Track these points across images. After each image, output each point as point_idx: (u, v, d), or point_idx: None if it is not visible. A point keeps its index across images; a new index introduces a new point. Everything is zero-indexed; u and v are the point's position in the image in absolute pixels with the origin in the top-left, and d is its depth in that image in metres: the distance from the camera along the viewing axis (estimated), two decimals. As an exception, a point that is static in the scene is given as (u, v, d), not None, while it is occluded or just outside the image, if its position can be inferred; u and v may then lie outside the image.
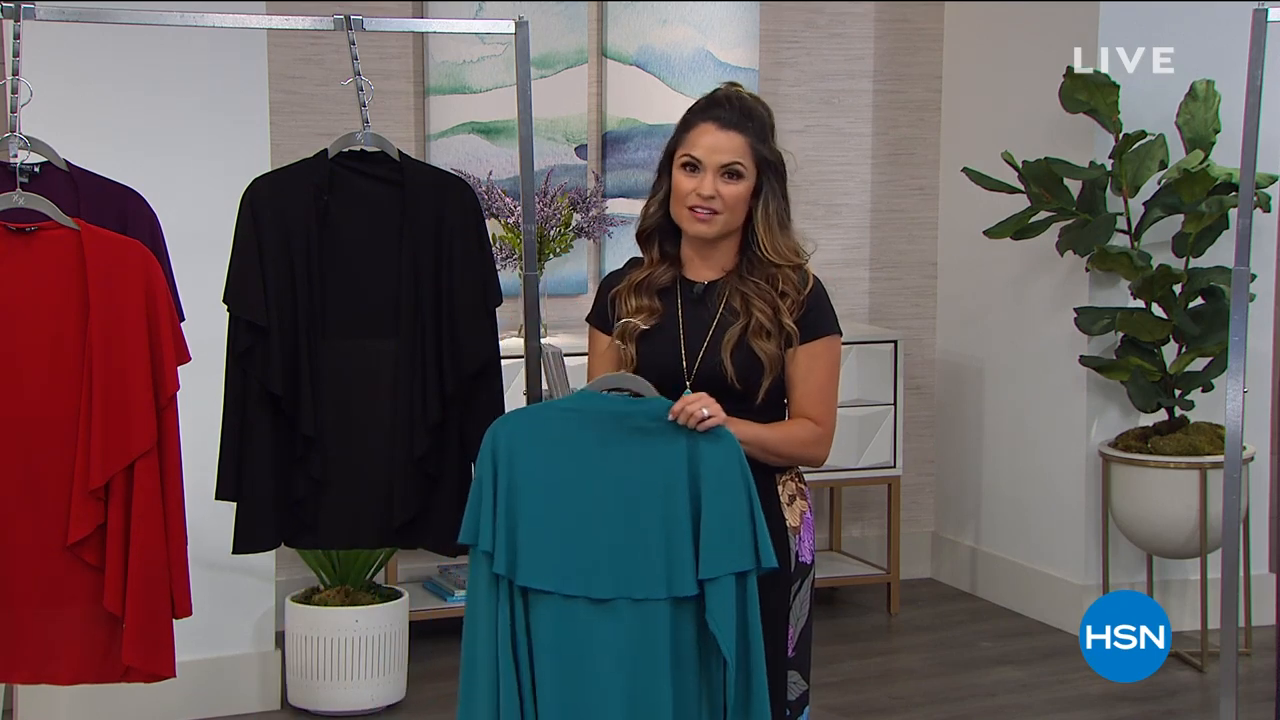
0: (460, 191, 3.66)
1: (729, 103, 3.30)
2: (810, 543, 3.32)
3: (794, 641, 3.26)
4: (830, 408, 3.28)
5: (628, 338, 3.33)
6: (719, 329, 3.26)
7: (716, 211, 3.27)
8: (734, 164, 3.26)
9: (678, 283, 3.34)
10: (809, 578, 3.32)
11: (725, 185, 3.26)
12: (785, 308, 3.25)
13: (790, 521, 3.28)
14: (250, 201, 3.60)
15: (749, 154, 3.27)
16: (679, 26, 6.16)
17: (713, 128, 3.28)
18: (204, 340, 3.65)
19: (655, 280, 3.35)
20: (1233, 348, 3.72)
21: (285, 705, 5.14)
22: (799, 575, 3.29)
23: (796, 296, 3.26)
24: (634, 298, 3.35)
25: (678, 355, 3.27)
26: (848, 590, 6.41)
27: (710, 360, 3.24)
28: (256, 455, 3.59)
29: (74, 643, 3.41)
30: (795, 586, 3.28)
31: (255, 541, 3.64)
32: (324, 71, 5.80)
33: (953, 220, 6.55)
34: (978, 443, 6.47)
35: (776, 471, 3.28)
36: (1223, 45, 5.56)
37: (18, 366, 3.35)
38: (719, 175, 3.26)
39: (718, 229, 3.29)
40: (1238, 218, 3.70)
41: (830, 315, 3.32)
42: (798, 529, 3.29)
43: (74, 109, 4.63)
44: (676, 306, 3.32)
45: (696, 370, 3.25)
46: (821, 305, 3.31)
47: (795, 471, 3.33)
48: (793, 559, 3.27)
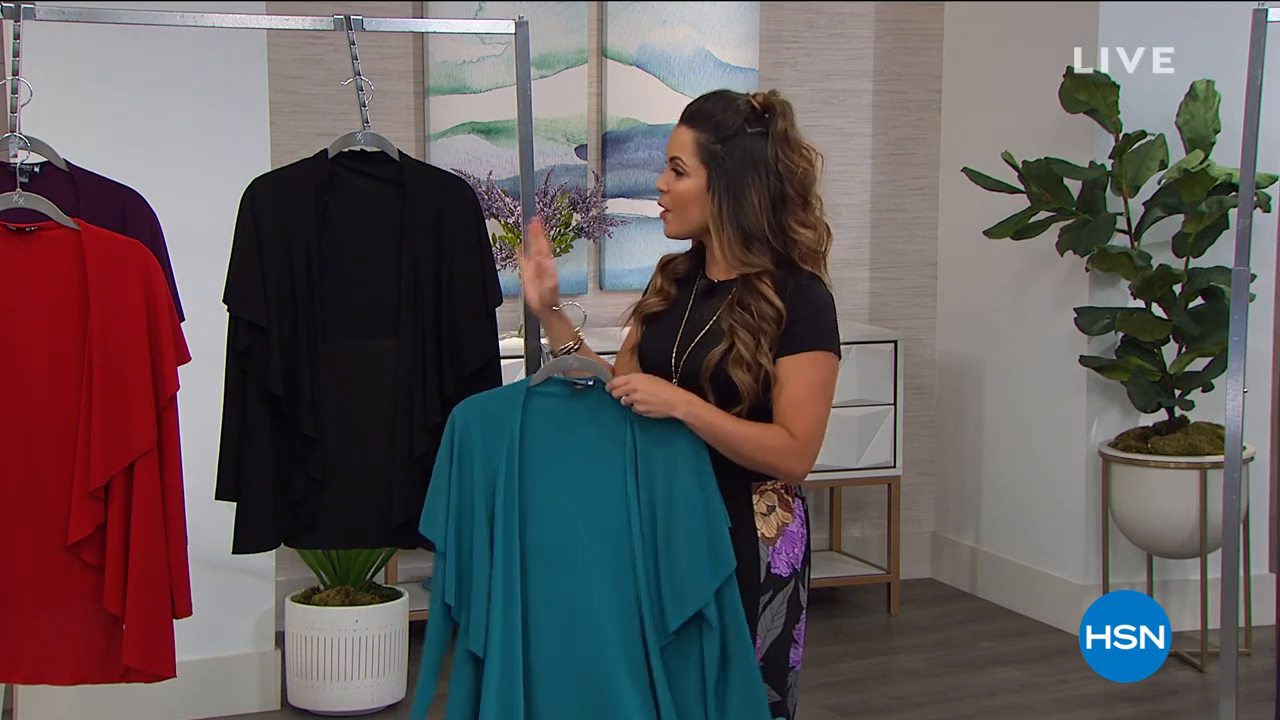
0: (460, 191, 3.66)
1: (703, 99, 3.26)
2: (791, 556, 3.23)
3: (762, 652, 3.19)
4: (807, 422, 3.13)
5: (640, 317, 3.32)
6: (709, 334, 3.21)
7: (666, 208, 3.24)
8: (675, 159, 3.21)
9: (696, 275, 3.32)
10: (787, 591, 3.22)
11: (674, 181, 3.22)
12: (764, 344, 3.14)
13: (765, 533, 3.20)
14: (250, 201, 3.60)
15: (694, 151, 3.19)
16: (679, 26, 6.16)
17: (678, 121, 3.26)
18: (204, 340, 3.65)
19: (678, 266, 3.32)
20: (1233, 348, 3.72)
21: (285, 705, 5.14)
22: (770, 587, 3.20)
23: (774, 332, 3.14)
24: (660, 277, 3.33)
25: (669, 347, 3.25)
26: (848, 590, 6.41)
27: (694, 360, 3.21)
28: (256, 455, 3.59)
29: (74, 643, 3.41)
30: (766, 598, 3.20)
31: (255, 541, 3.64)
32: (324, 71, 5.80)
33: (953, 220, 6.55)
34: (978, 443, 6.47)
35: (754, 480, 3.21)
36: (1223, 45, 5.56)
37: (17, 367, 3.35)
38: (670, 170, 3.23)
39: (674, 229, 3.25)
40: (1238, 218, 3.70)
41: (824, 332, 3.16)
42: (773, 540, 3.21)
43: (74, 109, 4.64)
44: (689, 298, 3.29)
45: (682, 367, 3.23)
46: (816, 319, 3.17)
47: (782, 484, 3.25)
48: (763, 570, 3.19)
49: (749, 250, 3.17)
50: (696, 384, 3.17)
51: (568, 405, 3.20)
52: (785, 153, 3.21)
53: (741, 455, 3.14)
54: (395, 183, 3.65)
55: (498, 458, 3.17)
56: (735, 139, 3.19)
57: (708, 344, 3.19)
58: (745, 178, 3.17)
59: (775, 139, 3.21)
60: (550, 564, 3.16)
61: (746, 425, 3.14)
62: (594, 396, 3.20)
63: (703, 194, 3.19)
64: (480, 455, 3.18)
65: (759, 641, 3.19)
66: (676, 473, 3.13)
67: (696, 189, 3.20)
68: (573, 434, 3.19)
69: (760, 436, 3.13)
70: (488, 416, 3.20)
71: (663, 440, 3.14)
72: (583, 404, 3.20)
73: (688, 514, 3.12)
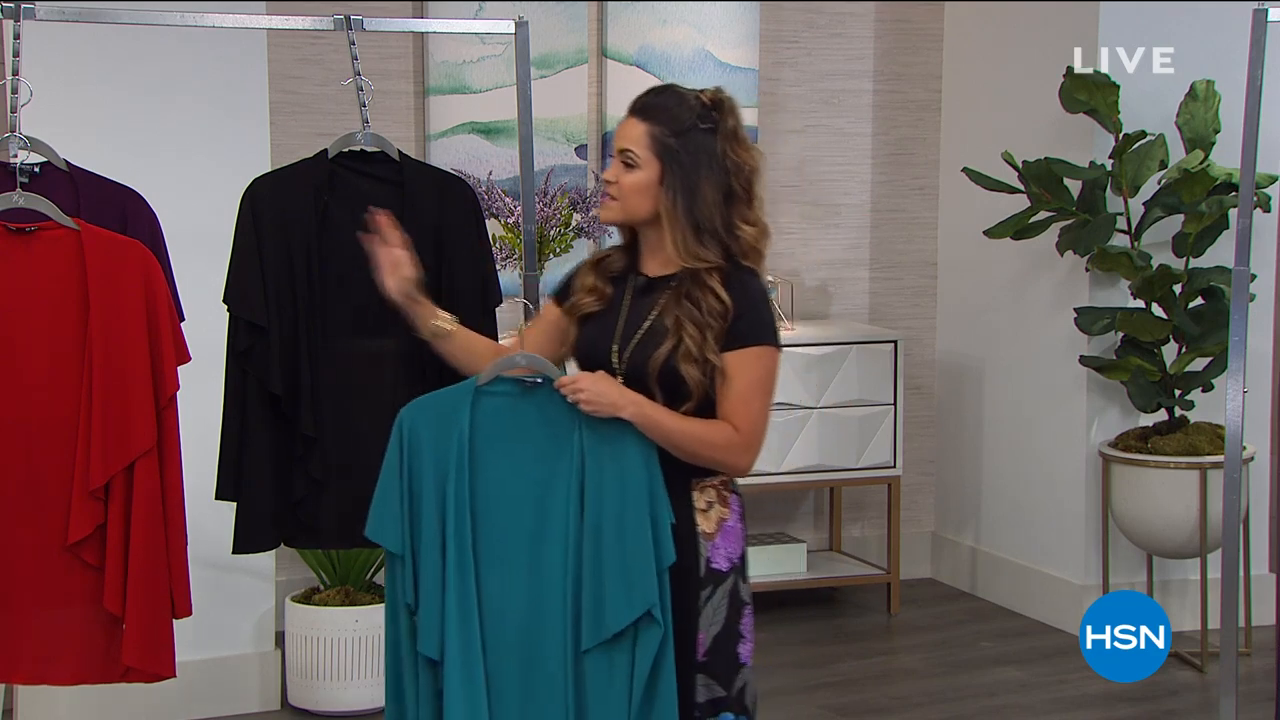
0: (460, 191, 3.67)
1: (654, 93, 3.28)
2: (730, 552, 3.26)
3: (705, 646, 3.23)
4: (751, 416, 3.17)
5: (574, 317, 3.31)
6: (651, 329, 3.23)
7: (614, 198, 3.25)
8: (627, 151, 3.23)
9: (629, 272, 3.33)
10: (727, 585, 3.25)
11: (624, 173, 3.23)
12: (710, 339, 3.18)
13: (704, 528, 3.23)
14: (250, 201, 3.60)
15: (647, 144, 3.21)
16: (679, 26, 6.16)
17: (627, 114, 3.27)
18: (204, 340, 3.65)
19: (612, 265, 3.33)
20: (1233, 348, 3.73)
21: (285, 705, 5.14)
22: (710, 581, 3.24)
23: (720, 326, 3.18)
24: (591, 275, 3.32)
25: (609, 346, 3.26)
26: (848, 590, 6.41)
27: (638, 358, 3.22)
28: (256, 455, 3.60)
29: (74, 643, 3.41)
30: (706, 592, 3.23)
31: (255, 541, 3.64)
32: (324, 71, 5.80)
33: (953, 220, 6.55)
34: (978, 443, 6.47)
35: (694, 477, 3.24)
36: (1223, 45, 5.56)
37: (18, 367, 3.35)
38: (619, 162, 3.24)
39: (614, 215, 3.25)
40: (1238, 218, 3.70)
41: (764, 326, 3.22)
42: (712, 536, 3.24)
43: (74, 109, 4.63)
44: (623, 296, 3.30)
45: (625, 363, 3.24)
46: (756, 314, 3.21)
47: (722, 479, 3.27)
48: (703, 564, 3.23)
49: (701, 244, 3.21)
50: (642, 381, 3.20)
51: (516, 404, 3.21)
52: (734, 149, 3.25)
53: (688, 452, 3.18)
54: (395, 183, 3.66)
55: (448, 458, 3.17)
56: (689, 134, 3.21)
57: (651, 341, 3.21)
58: (699, 172, 3.21)
59: (725, 135, 3.24)
60: (501, 565, 3.18)
61: (691, 422, 3.18)
62: (542, 395, 3.21)
63: (654, 187, 3.22)
64: (430, 456, 3.18)
65: (702, 635, 3.23)
66: (624, 473, 3.15)
67: (647, 181, 3.22)
68: (521, 433, 3.20)
69: (706, 433, 3.18)
70: (437, 417, 3.20)
71: (610, 439, 3.16)
72: (531, 403, 3.21)
73: (636, 514, 3.14)
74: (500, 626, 3.17)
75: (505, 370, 3.22)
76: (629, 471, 3.15)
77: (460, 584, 3.14)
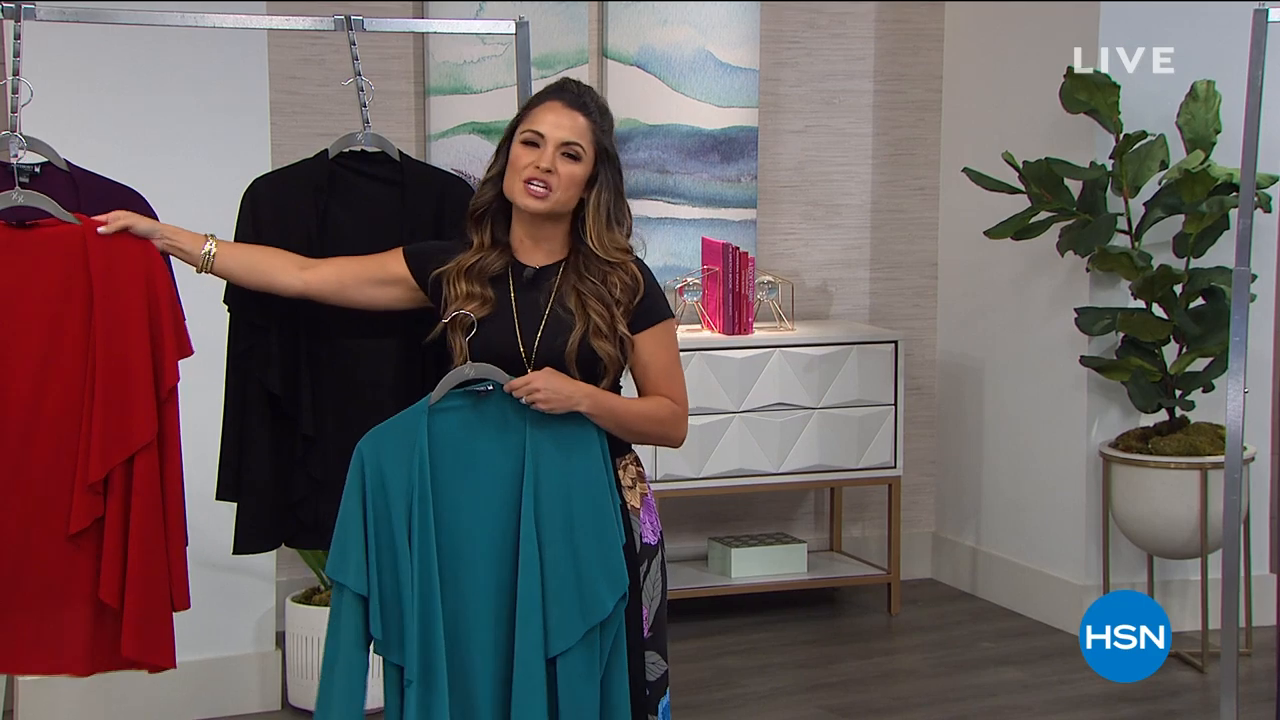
0: (461, 191, 3.66)
1: (578, 88, 3.35)
2: (653, 523, 3.36)
3: (649, 622, 3.32)
4: (681, 387, 3.33)
5: (461, 329, 3.30)
6: (552, 316, 3.27)
7: (550, 188, 3.27)
8: (574, 144, 3.28)
9: (509, 268, 3.34)
10: (657, 558, 3.36)
11: (563, 164, 3.27)
12: (619, 314, 3.27)
13: (631, 503, 3.33)
14: (250, 201, 3.60)
15: (590, 139, 3.29)
16: (679, 27, 6.16)
17: (559, 105, 3.30)
18: (204, 340, 3.65)
19: (487, 266, 3.34)
20: (1233, 348, 3.73)
21: (285, 705, 5.14)
22: (645, 556, 3.33)
23: (630, 302, 3.29)
24: (464, 282, 3.32)
25: (514, 342, 3.28)
26: (848, 590, 6.41)
27: (548, 344, 3.26)
28: (256, 456, 3.60)
29: (74, 634, 3.41)
30: (644, 568, 3.32)
31: (255, 542, 3.64)
32: (324, 71, 5.80)
33: (953, 220, 6.55)
34: (978, 443, 6.47)
35: (617, 456, 3.32)
36: (1223, 45, 5.56)
37: (19, 358, 3.35)
38: (558, 152, 3.27)
39: (548, 205, 3.28)
40: (1238, 218, 3.71)
41: (662, 300, 3.36)
42: (638, 509, 3.34)
43: (74, 109, 4.63)
44: (509, 292, 3.32)
45: (535, 355, 3.27)
46: (654, 292, 3.34)
47: (633, 455, 3.37)
48: (637, 540, 3.32)
49: (614, 236, 3.33)
50: (559, 369, 3.24)
51: (469, 416, 3.24)
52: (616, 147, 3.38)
53: (638, 432, 3.29)
54: (396, 183, 3.66)
55: (411, 479, 3.20)
56: (610, 132, 3.35)
57: (556, 328, 3.27)
58: (618, 170, 3.35)
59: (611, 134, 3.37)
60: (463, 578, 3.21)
61: (639, 402, 3.29)
62: (493, 403, 3.23)
63: (584, 181, 3.31)
64: (395, 481, 3.20)
65: (645, 611, 3.31)
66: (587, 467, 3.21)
67: (584, 175, 3.30)
68: (474, 445, 3.23)
69: (655, 410, 3.30)
70: (396, 442, 3.22)
71: (561, 436, 3.20)
72: (483, 412, 3.24)
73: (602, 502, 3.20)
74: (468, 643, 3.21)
75: (454, 385, 3.24)
76: (590, 465, 3.20)
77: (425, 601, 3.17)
